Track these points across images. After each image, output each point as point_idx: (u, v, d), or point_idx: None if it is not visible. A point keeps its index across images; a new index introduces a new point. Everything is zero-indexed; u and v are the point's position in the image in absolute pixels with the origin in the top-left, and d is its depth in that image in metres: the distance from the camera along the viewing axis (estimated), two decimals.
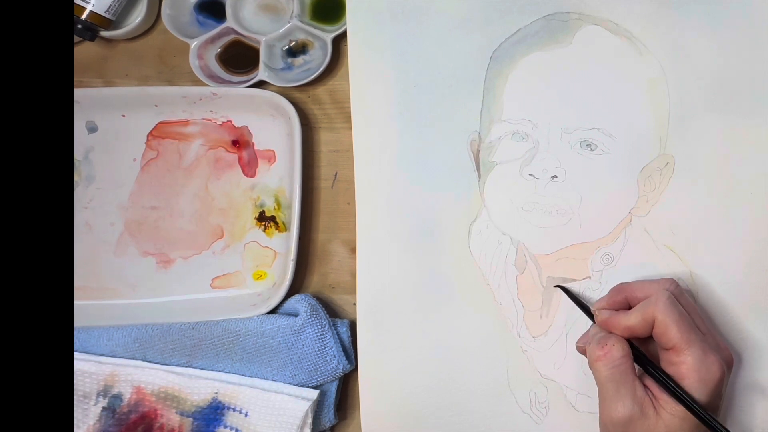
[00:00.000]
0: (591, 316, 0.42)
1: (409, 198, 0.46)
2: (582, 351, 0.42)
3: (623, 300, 0.41)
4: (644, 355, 0.39)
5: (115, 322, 0.47)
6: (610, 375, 0.38)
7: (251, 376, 0.46)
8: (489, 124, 0.46)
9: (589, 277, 0.45)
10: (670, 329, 0.37)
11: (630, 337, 0.39)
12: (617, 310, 0.41)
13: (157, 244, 0.50)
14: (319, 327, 0.46)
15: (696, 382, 0.36)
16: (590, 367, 0.40)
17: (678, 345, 0.37)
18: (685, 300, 0.40)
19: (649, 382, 0.38)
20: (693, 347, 0.37)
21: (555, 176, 0.45)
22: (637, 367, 0.39)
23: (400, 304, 0.46)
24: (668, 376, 0.38)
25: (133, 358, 0.47)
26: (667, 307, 0.38)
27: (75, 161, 0.50)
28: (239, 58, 0.51)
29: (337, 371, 0.46)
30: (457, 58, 0.46)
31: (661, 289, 0.39)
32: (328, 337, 0.46)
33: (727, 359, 0.39)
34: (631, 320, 0.39)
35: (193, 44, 0.49)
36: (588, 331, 0.42)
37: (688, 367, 0.37)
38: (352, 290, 0.47)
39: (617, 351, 0.38)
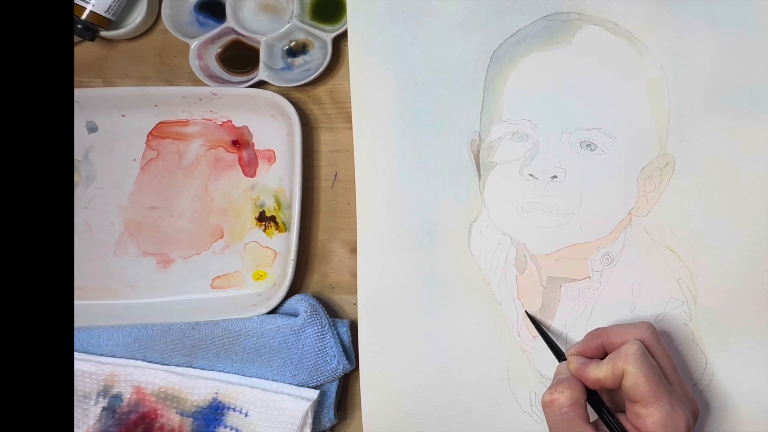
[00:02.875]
0: (558, 354, 0.42)
1: (409, 198, 0.46)
2: None
3: (599, 346, 0.40)
4: (603, 404, 0.39)
5: (115, 322, 0.47)
6: (557, 421, 0.37)
7: (251, 376, 0.46)
8: (489, 125, 0.46)
9: (589, 277, 0.45)
10: (638, 383, 0.36)
11: (601, 389, 0.39)
12: (592, 356, 0.40)
13: (157, 244, 0.50)
14: (319, 327, 0.46)
15: None
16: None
17: (645, 399, 0.36)
18: (659, 347, 0.39)
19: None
20: (661, 401, 0.36)
21: (555, 176, 0.45)
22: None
23: (401, 303, 0.46)
24: (620, 425, 0.37)
25: (133, 358, 0.47)
26: (637, 360, 0.36)
27: (75, 161, 0.50)
28: (239, 58, 0.51)
29: (337, 371, 0.46)
30: (457, 58, 0.46)
31: (633, 339, 0.38)
32: (328, 337, 0.46)
33: (694, 411, 0.38)
34: (601, 372, 0.38)
35: (193, 44, 0.49)
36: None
37: (655, 421, 0.36)
38: (352, 290, 0.47)
39: (565, 398, 0.37)
